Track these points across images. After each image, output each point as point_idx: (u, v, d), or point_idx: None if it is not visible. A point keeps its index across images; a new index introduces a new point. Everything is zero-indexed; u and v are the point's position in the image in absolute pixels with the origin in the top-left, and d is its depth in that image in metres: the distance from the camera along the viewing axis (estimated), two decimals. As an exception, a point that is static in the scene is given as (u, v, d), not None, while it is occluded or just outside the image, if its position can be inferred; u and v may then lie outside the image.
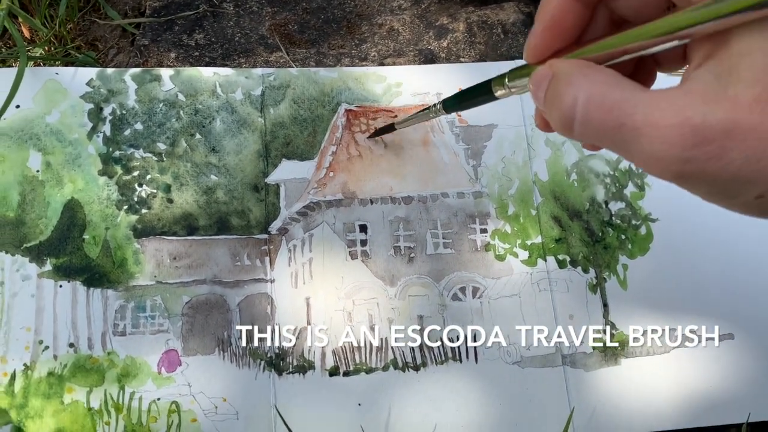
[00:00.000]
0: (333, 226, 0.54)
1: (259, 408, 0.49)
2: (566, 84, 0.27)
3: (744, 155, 0.23)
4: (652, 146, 0.24)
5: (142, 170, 0.54)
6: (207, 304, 0.51)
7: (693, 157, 0.24)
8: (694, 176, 0.24)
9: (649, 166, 0.25)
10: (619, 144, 0.26)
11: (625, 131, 0.25)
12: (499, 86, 0.36)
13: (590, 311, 0.54)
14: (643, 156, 0.25)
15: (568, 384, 0.52)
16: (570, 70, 0.27)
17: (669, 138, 0.24)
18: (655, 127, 0.24)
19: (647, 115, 0.24)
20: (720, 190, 0.25)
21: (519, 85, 0.34)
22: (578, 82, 0.26)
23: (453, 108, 0.45)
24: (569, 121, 0.27)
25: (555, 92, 0.28)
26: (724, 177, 0.24)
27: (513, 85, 0.34)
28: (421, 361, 0.51)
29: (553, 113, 0.28)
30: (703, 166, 0.24)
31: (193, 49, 0.62)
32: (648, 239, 0.57)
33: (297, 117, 0.58)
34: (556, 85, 0.28)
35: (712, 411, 0.52)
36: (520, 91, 0.34)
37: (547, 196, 0.57)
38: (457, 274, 0.54)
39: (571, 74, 0.27)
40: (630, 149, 0.25)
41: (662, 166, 0.25)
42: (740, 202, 0.26)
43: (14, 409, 0.47)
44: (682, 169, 0.24)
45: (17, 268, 0.50)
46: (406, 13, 0.66)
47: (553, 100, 0.28)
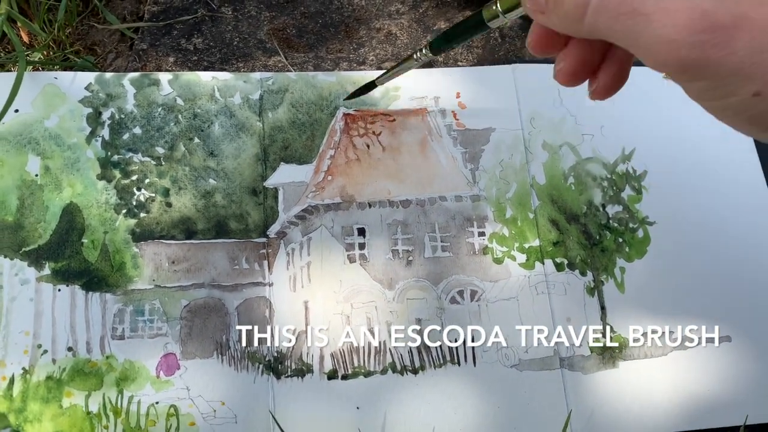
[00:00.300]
0: (331, 229, 0.55)
1: (257, 411, 0.49)
2: None
3: (748, 46, 0.24)
4: (662, 30, 0.25)
5: (141, 174, 0.54)
6: (205, 308, 0.51)
7: (699, 41, 0.24)
8: (696, 65, 0.25)
9: (655, 53, 0.26)
10: (629, 31, 0.26)
11: (637, 15, 0.25)
12: (491, 14, 0.35)
13: (588, 314, 0.54)
14: (651, 41, 0.25)
15: (566, 387, 0.52)
16: None
17: (679, 20, 0.24)
18: (667, 11, 0.25)
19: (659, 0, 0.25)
20: (718, 85, 0.26)
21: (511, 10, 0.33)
22: None
23: (441, 48, 0.42)
24: (582, 8, 0.27)
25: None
26: (726, 68, 0.24)
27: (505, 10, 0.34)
28: (419, 364, 0.52)
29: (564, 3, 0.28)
30: (708, 54, 0.24)
31: (191, 54, 0.62)
32: (645, 242, 0.57)
33: (295, 121, 0.58)
34: None
35: (710, 413, 0.52)
36: (511, 17, 0.34)
37: (545, 199, 0.57)
38: (455, 278, 0.54)
39: None
40: (639, 36, 0.26)
41: (668, 51, 0.25)
42: (736, 101, 0.26)
43: (13, 413, 0.47)
44: (687, 55, 0.25)
45: (16, 272, 0.50)
46: (404, 17, 0.67)
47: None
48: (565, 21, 0.29)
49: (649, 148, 0.60)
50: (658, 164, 0.60)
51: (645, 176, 0.59)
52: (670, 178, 0.59)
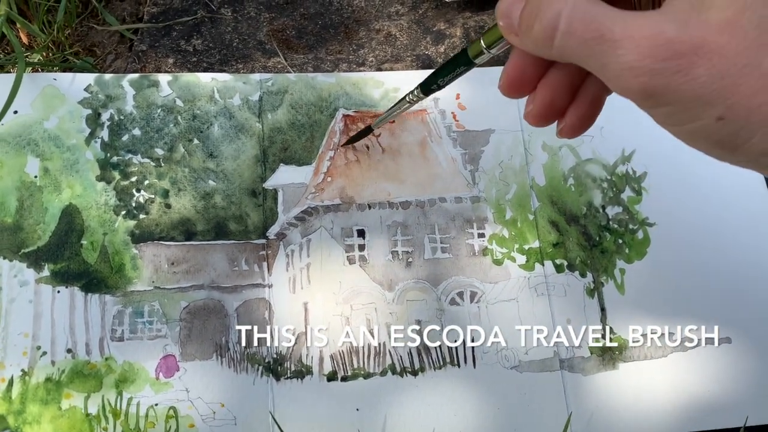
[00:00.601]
0: (331, 231, 0.54)
1: (256, 413, 0.49)
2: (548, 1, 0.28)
3: (709, 72, 0.25)
4: (626, 57, 0.26)
5: (140, 176, 0.54)
6: (205, 310, 0.51)
7: (663, 69, 0.25)
8: (659, 91, 0.26)
9: (620, 79, 0.27)
10: (596, 56, 0.27)
11: (604, 42, 0.26)
12: (476, 51, 0.36)
13: (588, 315, 0.54)
14: (616, 67, 0.26)
15: (566, 388, 0.52)
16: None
17: (642, 48, 0.25)
18: (631, 39, 0.25)
19: (625, 28, 0.26)
20: (682, 111, 0.26)
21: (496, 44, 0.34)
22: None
23: (432, 89, 0.43)
24: (551, 32, 0.28)
25: (535, 8, 0.29)
26: (688, 94, 0.25)
27: (490, 43, 0.35)
28: (419, 365, 0.51)
29: (534, 27, 0.29)
30: (670, 80, 0.25)
31: (191, 55, 0.62)
32: (645, 244, 0.57)
33: (295, 122, 0.58)
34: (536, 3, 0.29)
35: (710, 415, 0.52)
36: (498, 50, 0.35)
37: (545, 200, 0.57)
38: (455, 279, 0.54)
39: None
40: (605, 61, 0.27)
41: (633, 77, 0.26)
42: (700, 126, 0.27)
43: (12, 415, 0.46)
44: (650, 82, 0.26)
45: (15, 274, 0.50)
46: (404, 18, 0.67)
47: (532, 16, 0.29)
48: (536, 43, 0.29)
49: (649, 150, 0.60)
50: (658, 165, 0.60)
51: (645, 177, 0.59)
52: (670, 179, 0.59)
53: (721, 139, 0.27)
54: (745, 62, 0.24)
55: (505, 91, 0.35)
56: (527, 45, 0.31)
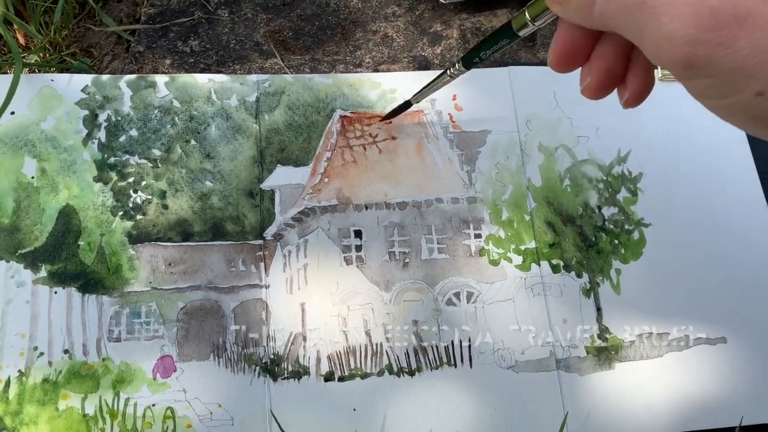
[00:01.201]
0: (328, 231, 0.55)
1: (254, 414, 0.49)
2: None
3: (752, 45, 0.24)
4: (668, 25, 0.25)
5: (137, 176, 0.54)
6: (202, 310, 0.51)
7: (705, 39, 0.24)
8: (700, 62, 0.25)
9: (660, 48, 0.26)
10: (636, 23, 0.26)
11: (645, 8, 0.26)
12: (520, 23, 0.36)
13: (584, 316, 0.54)
14: (657, 35, 0.26)
15: (562, 388, 0.52)
16: None
17: (685, 16, 0.24)
18: (674, 5, 0.25)
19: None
20: (722, 83, 0.26)
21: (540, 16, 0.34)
22: None
23: (474, 63, 0.43)
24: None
25: None
26: (730, 65, 0.25)
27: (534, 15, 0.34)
28: (415, 366, 0.52)
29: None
30: (712, 51, 0.24)
31: (188, 56, 0.62)
32: (641, 244, 0.57)
33: (292, 123, 0.58)
34: None
35: (706, 414, 0.52)
36: (542, 22, 0.34)
37: (541, 201, 0.58)
38: (451, 279, 0.54)
39: None
40: (645, 29, 0.26)
41: (673, 47, 0.25)
42: (739, 100, 0.26)
43: (9, 416, 0.46)
44: (691, 52, 0.25)
45: (12, 275, 0.50)
46: (400, 19, 0.67)
47: None
48: (577, 11, 0.29)
49: (644, 150, 0.60)
50: (653, 166, 0.60)
51: (640, 178, 0.59)
52: (665, 180, 0.60)
53: (759, 113, 0.26)
54: None
55: (556, 66, 0.34)
56: (570, 14, 0.30)
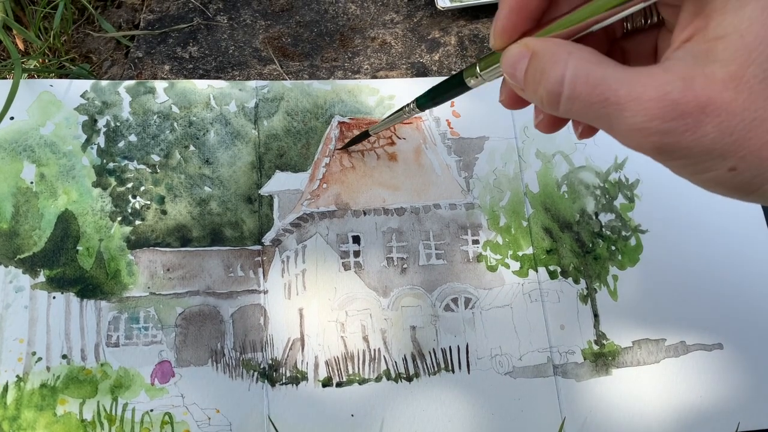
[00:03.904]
0: (326, 237, 0.55)
1: (252, 419, 0.49)
2: (552, 62, 0.28)
3: (717, 129, 0.25)
4: (634, 119, 0.26)
5: (136, 182, 0.54)
6: (200, 316, 0.51)
7: (671, 129, 0.25)
8: (671, 148, 0.26)
9: (630, 139, 0.27)
10: (602, 117, 0.27)
11: (609, 105, 0.26)
12: (471, 76, 0.36)
13: (581, 322, 0.55)
14: (625, 128, 0.26)
15: (559, 394, 0.52)
16: (553, 49, 0.28)
17: (650, 111, 0.25)
18: (638, 101, 0.25)
19: (630, 90, 0.26)
20: (694, 163, 0.27)
21: (491, 72, 0.35)
22: (564, 59, 0.28)
23: (426, 105, 0.44)
24: (556, 96, 0.28)
25: (539, 70, 0.29)
26: (699, 149, 0.26)
27: (485, 72, 0.35)
28: (413, 371, 0.52)
29: (538, 90, 0.29)
30: (680, 138, 0.25)
31: (187, 62, 0.63)
32: (638, 250, 0.58)
33: (290, 129, 0.58)
34: (538, 63, 0.29)
35: (702, 420, 0.52)
36: (491, 78, 0.35)
37: (538, 207, 0.58)
38: (449, 285, 0.55)
39: (555, 52, 0.28)
40: (613, 122, 0.27)
41: (642, 137, 0.26)
42: (713, 176, 0.27)
43: (6, 421, 0.46)
44: (660, 141, 0.26)
45: (10, 280, 0.50)
46: (399, 26, 0.67)
47: (536, 77, 0.29)
48: (541, 104, 0.30)
49: (641, 157, 0.60)
50: (650, 173, 0.60)
51: (637, 185, 0.60)
52: (662, 186, 0.60)
53: (736, 186, 0.27)
54: (753, 117, 0.24)
55: (507, 107, 0.35)
56: (533, 102, 0.31)
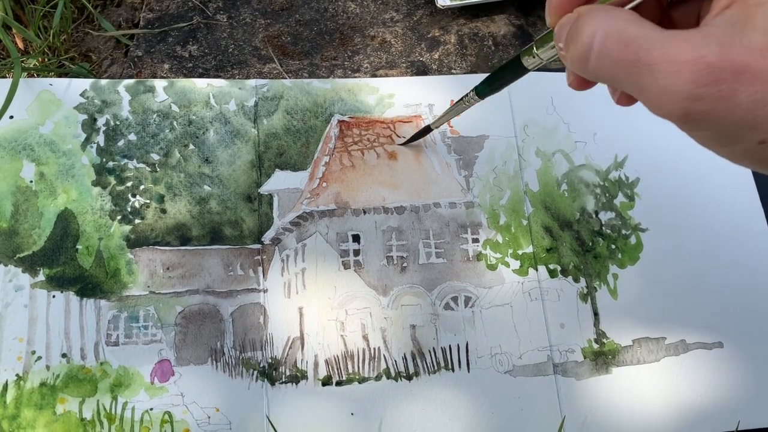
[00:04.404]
0: (326, 236, 0.55)
1: (252, 418, 0.49)
2: (588, 19, 0.28)
3: (751, 98, 0.24)
4: (666, 81, 0.25)
5: (136, 181, 0.54)
6: (200, 314, 0.51)
7: (704, 94, 0.24)
8: (701, 116, 0.25)
9: (659, 103, 0.26)
10: (632, 78, 0.26)
11: (641, 65, 0.26)
12: (528, 56, 0.36)
13: (581, 320, 0.54)
14: (655, 91, 0.26)
15: (559, 393, 0.52)
16: (593, 9, 0.28)
17: (683, 73, 0.24)
18: (671, 63, 0.25)
19: (664, 51, 0.25)
20: (724, 134, 0.26)
21: (547, 50, 0.35)
22: (599, 17, 0.27)
23: (486, 92, 0.45)
24: (586, 52, 0.27)
25: (576, 28, 0.28)
26: (730, 119, 0.25)
27: (541, 51, 0.35)
28: (413, 370, 0.52)
29: (571, 48, 0.28)
30: (712, 106, 0.25)
31: (186, 61, 0.63)
32: (638, 249, 0.58)
33: (290, 128, 0.58)
34: (577, 23, 0.28)
35: (702, 418, 0.52)
36: (548, 57, 0.35)
37: (538, 206, 0.58)
38: (449, 284, 0.55)
39: (595, 12, 0.28)
40: (642, 84, 0.26)
41: (673, 102, 0.25)
42: (742, 149, 0.26)
43: (6, 420, 0.46)
44: (691, 107, 0.25)
45: (10, 279, 0.50)
46: (399, 25, 0.67)
47: (573, 35, 0.28)
48: (574, 63, 0.29)
49: (641, 156, 0.61)
50: (650, 171, 0.60)
51: (637, 183, 0.60)
52: (662, 185, 0.60)
53: (763, 158, 0.26)
54: None
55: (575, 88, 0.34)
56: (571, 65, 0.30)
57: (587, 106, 0.62)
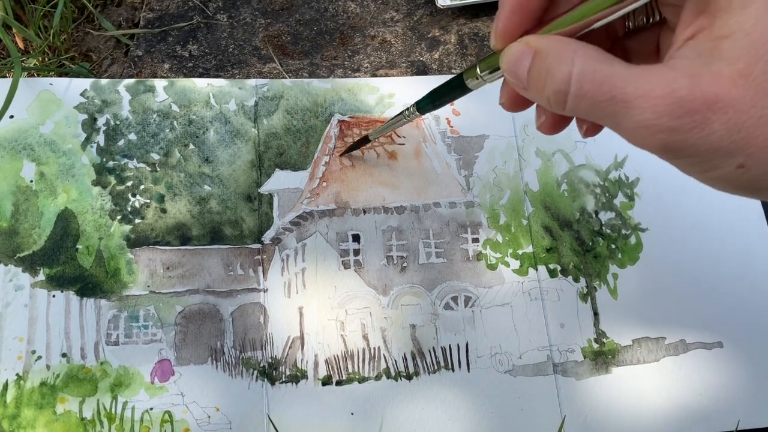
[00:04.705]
0: (326, 235, 0.55)
1: (251, 417, 0.49)
2: (557, 60, 0.28)
3: (725, 126, 0.25)
4: (642, 116, 0.26)
5: (136, 180, 0.54)
6: (200, 314, 0.51)
7: (679, 126, 0.25)
8: (678, 146, 0.26)
9: (637, 137, 0.27)
10: (609, 115, 0.27)
11: (616, 103, 0.26)
12: (471, 77, 0.36)
13: (581, 320, 0.55)
14: (632, 126, 0.26)
15: (559, 392, 0.52)
16: (557, 46, 0.28)
17: (657, 108, 0.25)
18: (645, 99, 0.25)
19: (637, 88, 0.25)
20: (702, 161, 0.26)
21: (491, 73, 0.34)
22: (569, 57, 0.27)
23: (427, 108, 0.44)
24: (563, 96, 0.28)
25: (543, 69, 0.28)
26: (707, 147, 0.25)
27: (485, 73, 0.35)
28: (413, 370, 0.52)
29: (544, 90, 0.28)
30: (687, 136, 0.25)
31: (186, 60, 0.63)
32: (638, 249, 0.58)
33: (290, 127, 0.58)
34: (543, 62, 0.28)
35: (702, 418, 0.52)
36: (492, 79, 0.35)
37: (538, 205, 0.58)
38: (449, 284, 0.55)
39: (560, 50, 0.28)
40: (620, 120, 0.27)
41: (650, 135, 0.26)
42: (722, 174, 0.27)
43: (6, 420, 0.46)
44: (668, 138, 0.26)
45: (10, 278, 0.50)
46: (399, 25, 0.67)
47: (541, 76, 0.28)
48: (547, 104, 0.29)
49: (641, 156, 0.60)
50: (650, 171, 0.60)
51: (637, 183, 0.60)
52: (662, 185, 0.60)
53: (744, 183, 0.27)
54: (760, 114, 0.24)
55: (508, 109, 0.35)
56: (537, 101, 0.30)
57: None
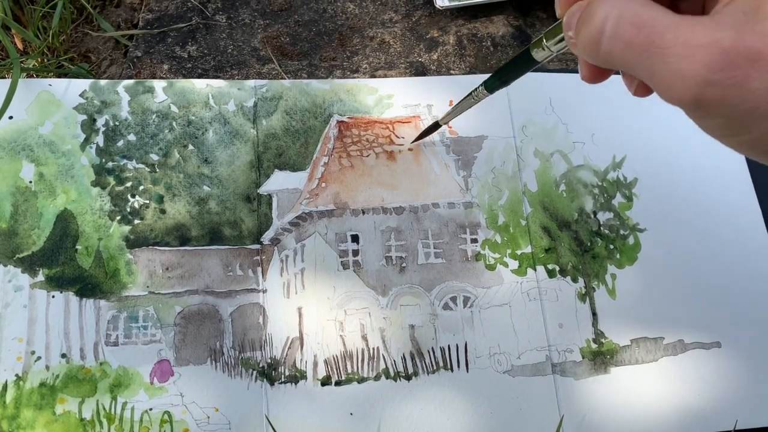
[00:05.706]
0: (325, 236, 0.55)
1: (251, 418, 0.49)
2: (600, 3, 0.27)
3: (764, 86, 0.24)
4: (678, 65, 0.24)
5: (135, 181, 0.55)
6: (199, 315, 0.52)
7: (717, 80, 0.24)
8: (712, 102, 0.25)
9: (670, 88, 0.25)
10: (644, 62, 0.26)
11: (654, 49, 0.25)
12: (537, 47, 0.36)
13: (579, 320, 0.55)
14: (667, 75, 0.25)
15: (557, 392, 0.52)
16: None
17: (697, 58, 0.24)
18: (685, 46, 0.24)
19: (678, 35, 0.24)
20: (734, 123, 0.25)
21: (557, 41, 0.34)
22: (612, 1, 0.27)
23: (495, 86, 0.45)
24: (598, 36, 0.27)
25: (588, 13, 0.28)
26: (742, 106, 0.24)
27: (551, 43, 0.35)
28: (412, 370, 0.52)
29: (582, 32, 0.28)
30: (725, 92, 0.24)
31: (185, 61, 0.63)
32: (636, 249, 0.58)
33: (289, 128, 0.58)
34: (589, 8, 0.28)
35: (700, 418, 0.52)
36: (558, 49, 0.35)
37: (537, 206, 0.58)
38: (448, 284, 0.55)
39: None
40: (654, 69, 0.26)
41: (684, 87, 0.25)
42: (751, 138, 0.26)
43: (6, 420, 0.46)
44: (703, 92, 0.24)
45: (10, 279, 0.50)
46: (397, 26, 0.67)
47: (585, 19, 0.28)
48: (585, 50, 0.28)
49: (639, 156, 0.61)
50: (648, 172, 0.60)
51: (635, 183, 0.60)
52: (660, 185, 0.60)
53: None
54: None
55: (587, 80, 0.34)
56: (577, 51, 0.30)
57: (585, 106, 0.62)
